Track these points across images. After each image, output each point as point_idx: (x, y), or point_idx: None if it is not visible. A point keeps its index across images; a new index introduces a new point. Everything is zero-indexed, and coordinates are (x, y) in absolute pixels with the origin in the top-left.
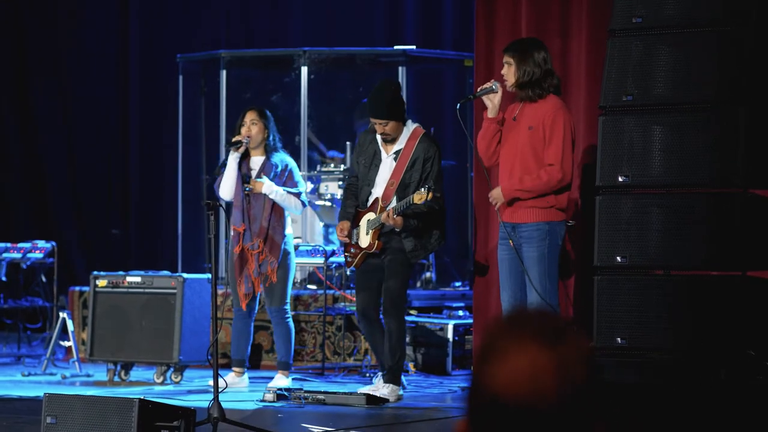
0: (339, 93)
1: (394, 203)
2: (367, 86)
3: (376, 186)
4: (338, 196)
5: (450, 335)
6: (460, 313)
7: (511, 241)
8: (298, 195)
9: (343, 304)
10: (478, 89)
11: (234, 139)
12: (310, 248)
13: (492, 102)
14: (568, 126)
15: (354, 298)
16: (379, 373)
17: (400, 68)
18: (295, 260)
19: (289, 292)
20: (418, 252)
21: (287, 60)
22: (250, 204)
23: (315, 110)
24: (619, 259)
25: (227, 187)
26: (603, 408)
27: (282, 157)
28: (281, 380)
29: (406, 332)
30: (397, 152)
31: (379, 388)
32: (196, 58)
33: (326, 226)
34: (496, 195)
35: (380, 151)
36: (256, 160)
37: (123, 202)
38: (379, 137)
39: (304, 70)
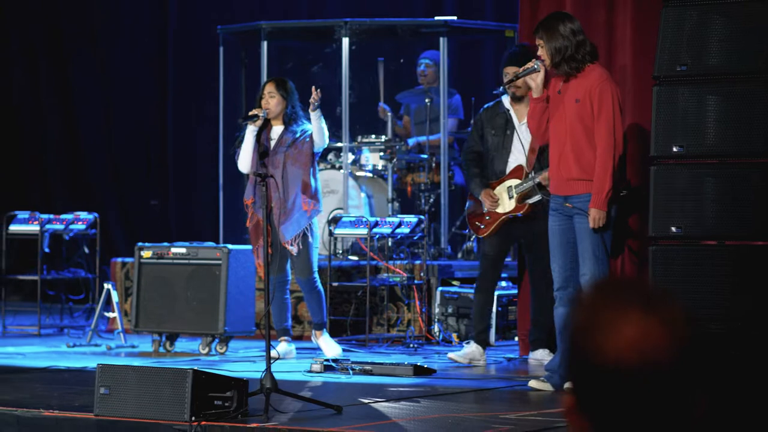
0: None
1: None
2: (408, 57)
3: (512, 154)
4: (379, 167)
5: (493, 306)
6: (503, 284)
7: (569, 205)
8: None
9: (386, 275)
10: (521, 70)
11: (249, 113)
12: (353, 219)
13: (535, 81)
14: (615, 96)
15: (396, 269)
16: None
17: (441, 39)
18: (318, 230)
19: (315, 261)
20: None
21: (328, 31)
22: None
23: (356, 81)
24: (674, 229)
25: (244, 160)
26: (707, 368)
27: (303, 127)
28: (324, 341)
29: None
30: None
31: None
32: (236, 30)
33: (369, 197)
34: (597, 216)
35: (512, 120)
36: (276, 130)
37: (162, 174)
38: (507, 103)
39: (345, 41)
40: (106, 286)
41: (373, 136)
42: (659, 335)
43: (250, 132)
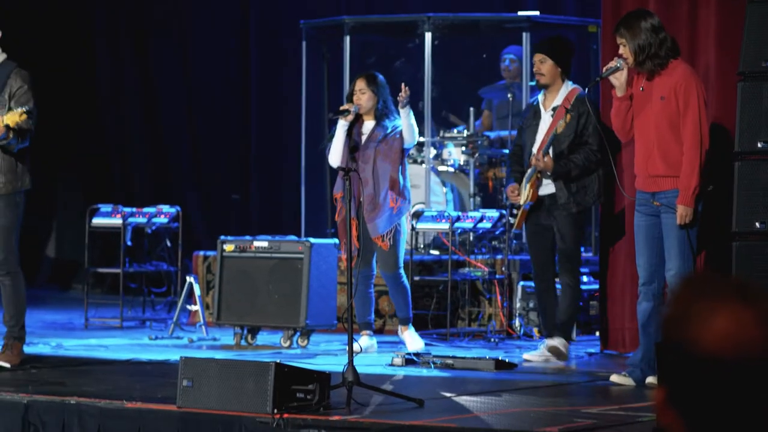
0: (462, 59)
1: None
2: (490, 52)
3: (536, 143)
4: (461, 162)
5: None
6: (584, 278)
7: (656, 203)
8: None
9: (467, 269)
10: (604, 69)
11: (341, 108)
12: (434, 213)
13: (619, 80)
14: (701, 93)
15: (477, 264)
16: (545, 340)
17: (523, 34)
18: (406, 225)
19: (402, 256)
20: (571, 205)
21: (411, 26)
22: (359, 169)
23: (438, 76)
24: (757, 224)
25: (335, 155)
26: None
27: (394, 122)
28: (409, 336)
29: (580, 291)
30: (554, 108)
31: (544, 353)
32: (319, 24)
33: (453, 190)
34: (684, 213)
35: (540, 110)
36: (368, 125)
37: (244, 168)
38: (541, 97)
39: (428, 36)
40: (188, 279)
41: (456, 130)
42: (753, 328)
43: (341, 127)
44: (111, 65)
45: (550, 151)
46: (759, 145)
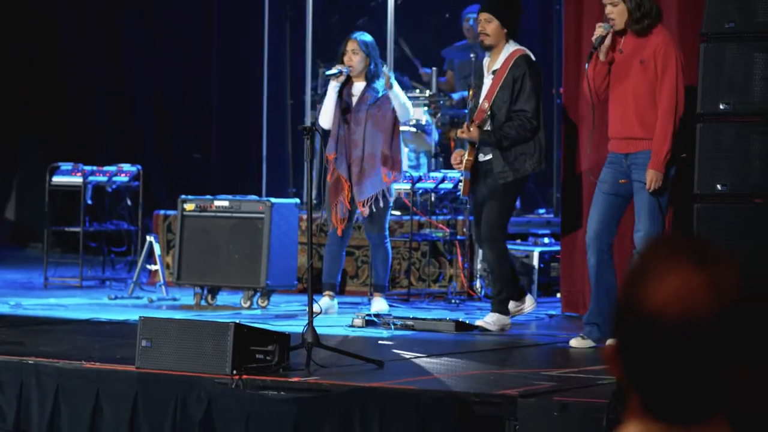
0: (425, 18)
1: (488, 126)
2: (453, 11)
3: (477, 107)
4: (423, 122)
5: (536, 262)
6: (546, 240)
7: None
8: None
9: (428, 230)
10: (594, 39)
11: (332, 71)
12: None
13: (604, 44)
14: (679, 59)
15: (440, 225)
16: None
17: None
18: (394, 191)
19: (387, 220)
20: (506, 173)
21: None
22: (350, 131)
23: (401, 35)
24: (719, 187)
25: (326, 116)
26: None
27: (383, 85)
28: (379, 303)
29: (507, 260)
30: (494, 71)
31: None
32: None
33: (413, 152)
34: (654, 178)
35: (484, 72)
36: (358, 86)
37: (206, 127)
38: (486, 57)
39: None
40: (148, 238)
41: (417, 90)
42: (702, 292)
43: (332, 88)
44: (74, 25)
45: (480, 122)
46: (721, 106)
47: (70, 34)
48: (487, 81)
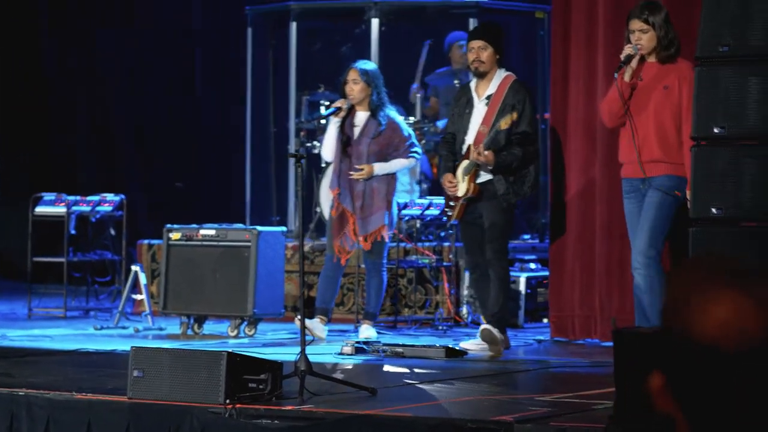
0: (410, 45)
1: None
2: (437, 38)
3: (468, 132)
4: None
5: (522, 288)
6: (533, 266)
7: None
8: (408, 148)
9: (414, 257)
10: (622, 57)
11: (332, 105)
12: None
13: (631, 67)
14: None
15: (426, 252)
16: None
17: (471, 20)
18: (395, 219)
19: (387, 248)
20: (510, 195)
21: (357, 11)
22: (352, 164)
23: (385, 62)
24: (714, 210)
25: (328, 150)
26: None
27: (387, 114)
28: (367, 331)
29: (509, 281)
30: (488, 97)
31: (480, 341)
32: (264, 10)
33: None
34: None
35: (473, 98)
36: (361, 116)
37: (189, 155)
38: (473, 84)
39: (375, 21)
40: (134, 268)
41: (402, 118)
42: (754, 315)
43: (334, 124)
44: (55, 52)
45: (490, 145)
46: (716, 130)
47: (51, 62)
48: (480, 106)
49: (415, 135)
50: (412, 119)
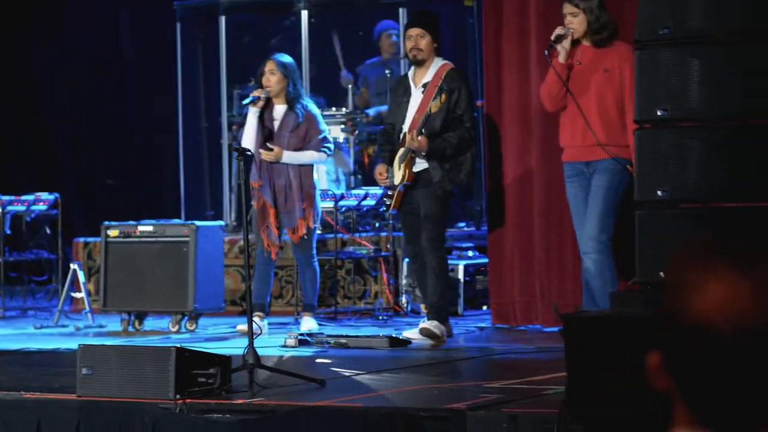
0: (339, 36)
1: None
2: (366, 29)
3: (406, 120)
4: (340, 140)
5: (461, 276)
6: (470, 253)
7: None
8: (321, 142)
9: (352, 248)
10: (553, 36)
11: (251, 95)
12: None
13: (564, 48)
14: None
15: (363, 242)
16: (425, 318)
17: (400, 9)
18: (320, 210)
19: (315, 240)
20: (446, 183)
21: (286, 4)
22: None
23: (315, 54)
24: (659, 193)
25: (248, 142)
26: None
27: (305, 105)
28: (308, 322)
29: (447, 270)
30: (425, 85)
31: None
32: (193, 5)
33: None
34: None
35: (410, 87)
36: (279, 109)
37: (121, 152)
38: (411, 72)
39: (304, 14)
40: (72, 266)
41: (334, 108)
42: (750, 297)
43: (253, 114)
44: None
45: (423, 130)
46: (658, 113)
47: None
48: (417, 94)
49: (328, 130)
50: (344, 110)
